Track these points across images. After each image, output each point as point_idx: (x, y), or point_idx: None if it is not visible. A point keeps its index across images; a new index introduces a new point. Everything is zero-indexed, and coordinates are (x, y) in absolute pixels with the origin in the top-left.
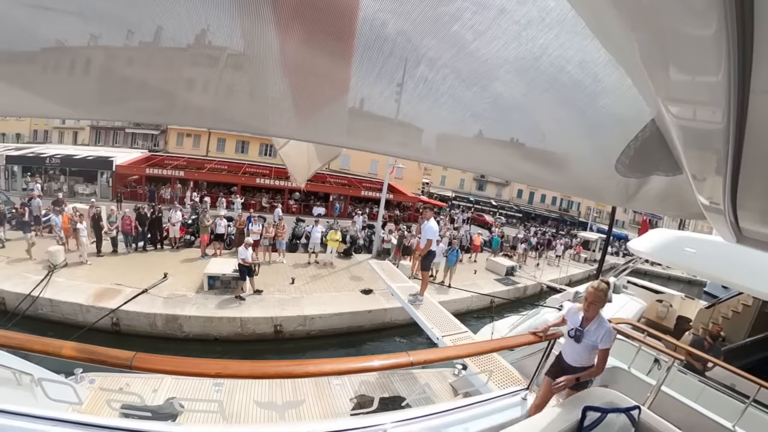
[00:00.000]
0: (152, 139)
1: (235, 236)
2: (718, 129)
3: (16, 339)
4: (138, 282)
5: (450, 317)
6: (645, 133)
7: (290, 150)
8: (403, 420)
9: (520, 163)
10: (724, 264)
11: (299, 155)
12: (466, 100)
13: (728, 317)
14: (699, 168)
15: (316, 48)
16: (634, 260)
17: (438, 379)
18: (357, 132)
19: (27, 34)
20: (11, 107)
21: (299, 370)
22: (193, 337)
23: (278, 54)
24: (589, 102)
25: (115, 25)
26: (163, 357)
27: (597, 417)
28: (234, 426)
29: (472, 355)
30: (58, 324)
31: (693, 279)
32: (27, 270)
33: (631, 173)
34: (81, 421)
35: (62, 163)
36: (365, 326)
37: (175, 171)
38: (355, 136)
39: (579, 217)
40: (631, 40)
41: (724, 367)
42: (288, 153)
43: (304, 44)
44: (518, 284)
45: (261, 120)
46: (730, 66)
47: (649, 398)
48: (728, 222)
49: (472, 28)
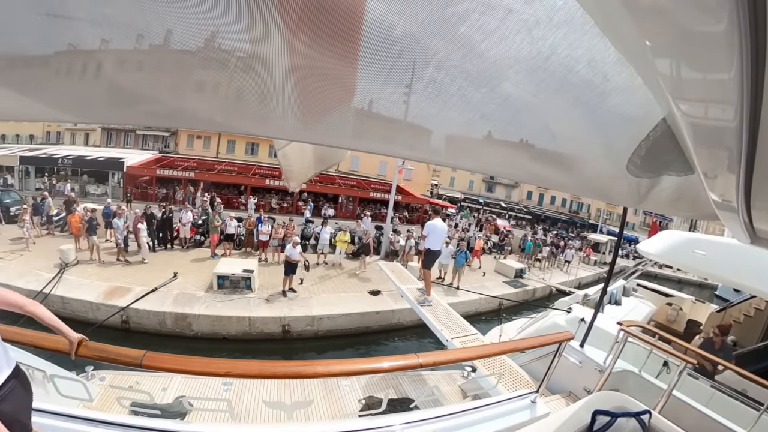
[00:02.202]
0: (163, 140)
1: (245, 237)
2: (730, 126)
3: (29, 336)
4: (148, 281)
5: (459, 319)
6: (656, 132)
7: (290, 152)
8: (412, 421)
9: (530, 164)
10: (736, 266)
11: (299, 158)
12: (475, 102)
13: (740, 321)
14: (711, 167)
15: (323, 50)
16: (643, 263)
17: (447, 381)
18: (366, 134)
19: (39, 40)
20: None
21: (308, 371)
22: (201, 335)
23: (286, 56)
24: (599, 101)
25: (124, 30)
26: (173, 356)
27: (607, 421)
28: (242, 425)
29: (482, 357)
30: (69, 321)
31: (704, 282)
32: (39, 268)
33: (643, 173)
34: (92, 418)
35: (74, 163)
36: (373, 327)
37: (185, 172)
38: (363, 138)
39: (589, 219)
40: (640, 38)
41: (735, 371)
42: (287, 154)
43: (310, 46)
44: (527, 286)
45: (267, 122)
46: (743, 62)
47: (659, 403)
48: (742, 222)
49: (480, 28)
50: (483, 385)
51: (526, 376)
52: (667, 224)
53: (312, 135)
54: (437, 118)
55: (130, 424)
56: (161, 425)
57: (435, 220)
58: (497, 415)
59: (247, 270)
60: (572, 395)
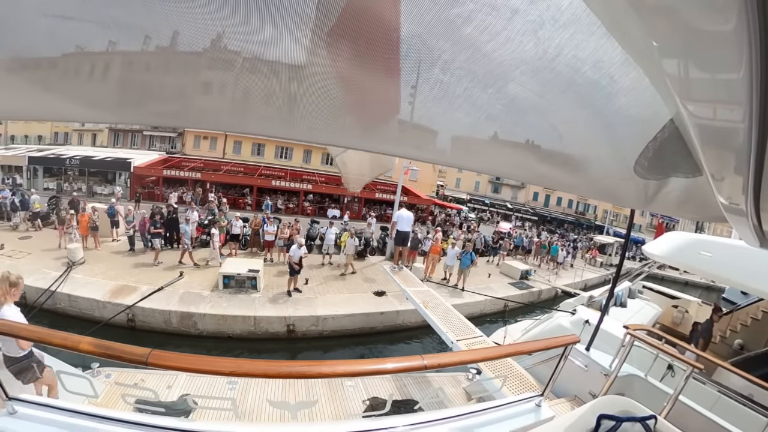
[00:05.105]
0: (169, 141)
1: (250, 237)
2: (739, 128)
3: (37, 332)
4: (154, 280)
5: (465, 321)
6: (664, 134)
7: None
8: (415, 423)
9: (537, 165)
10: (743, 268)
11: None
12: (481, 102)
13: (747, 324)
14: (719, 169)
15: (329, 51)
16: (649, 264)
17: (451, 383)
18: (372, 134)
19: (49, 41)
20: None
21: (313, 371)
22: (207, 334)
23: (292, 58)
24: (606, 102)
25: (133, 32)
26: (179, 354)
27: (611, 426)
28: (247, 424)
29: (487, 359)
30: (76, 319)
31: (711, 284)
32: (48, 266)
33: (651, 175)
34: (97, 414)
35: (82, 164)
36: (377, 328)
37: (191, 173)
38: (370, 138)
39: (596, 221)
40: (647, 38)
41: (742, 375)
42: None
43: (316, 49)
44: (533, 288)
45: (268, 122)
46: (752, 62)
47: (665, 408)
48: (751, 225)
49: (486, 30)
50: (488, 388)
51: (531, 379)
52: (673, 225)
53: (321, 136)
54: (444, 118)
55: (134, 421)
56: (166, 423)
57: (401, 210)
58: (502, 418)
59: (253, 270)
60: (577, 399)
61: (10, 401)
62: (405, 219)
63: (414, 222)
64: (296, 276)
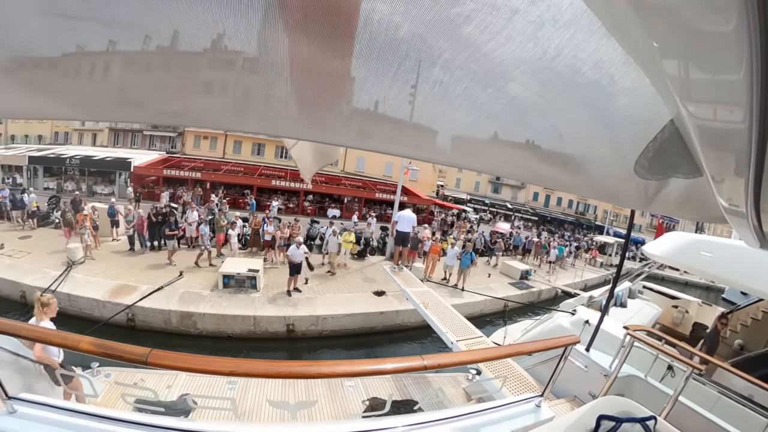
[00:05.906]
0: (170, 141)
1: (250, 236)
2: (739, 128)
3: (37, 332)
4: (154, 280)
5: (464, 321)
6: (664, 134)
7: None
8: (415, 424)
9: (537, 165)
10: (743, 268)
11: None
12: (481, 102)
13: (747, 324)
14: (719, 170)
15: (328, 50)
16: (649, 264)
17: (451, 384)
18: (372, 134)
19: (49, 40)
20: (35, 111)
21: (313, 371)
22: (206, 334)
23: (291, 57)
24: (606, 103)
25: (133, 31)
26: (178, 354)
27: (611, 426)
28: (246, 424)
29: (487, 360)
30: (75, 318)
31: (711, 285)
32: (47, 266)
33: (651, 175)
34: (96, 413)
35: (82, 163)
36: (377, 327)
37: (192, 172)
38: (369, 137)
39: (596, 221)
40: (648, 38)
41: (741, 376)
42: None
43: (315, 46)
44: (533, 288)
45: (273, 121)
46: (753, 62)
47: (665, 408)
48: (751, 226)
49: (486, 29)
50: (487, 388)
51: (531, 380)
52: (673, 226)
53: (317, 134)
54: (444, 118)
55: (134, 420)
56: (165, 422)
57: (404, 211)
58: (501, 418)
59: (253, 269)
60: (577, 399)
61: (10, 400)
62: (405, 219)
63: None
64: (296, 276)
